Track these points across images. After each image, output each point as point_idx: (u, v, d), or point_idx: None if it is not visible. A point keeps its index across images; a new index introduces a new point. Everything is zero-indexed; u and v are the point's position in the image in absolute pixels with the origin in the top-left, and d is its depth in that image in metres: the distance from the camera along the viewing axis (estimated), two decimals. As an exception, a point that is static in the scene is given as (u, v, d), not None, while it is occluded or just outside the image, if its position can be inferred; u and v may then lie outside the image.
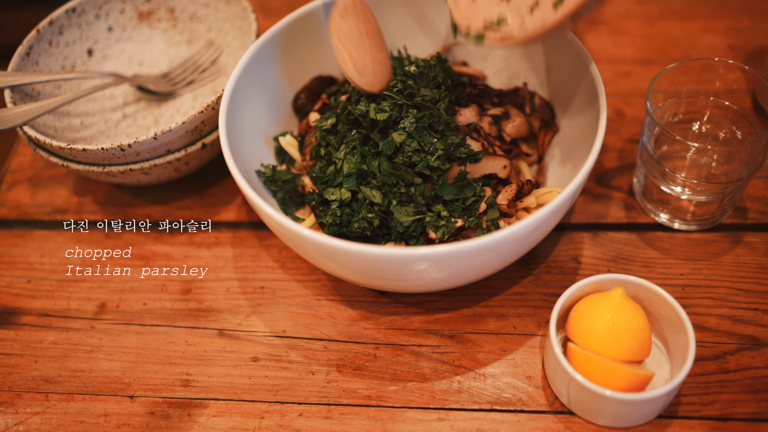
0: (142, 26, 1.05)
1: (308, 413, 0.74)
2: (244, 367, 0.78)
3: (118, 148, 0.80)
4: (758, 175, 0.88)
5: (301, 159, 0.86)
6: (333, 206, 0.76)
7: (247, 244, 0.89)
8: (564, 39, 0.81)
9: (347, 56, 0.78)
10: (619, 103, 0.99)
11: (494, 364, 0.76)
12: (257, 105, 0.86)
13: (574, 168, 0.78)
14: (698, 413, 0.71)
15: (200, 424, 0.74)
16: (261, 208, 0.70)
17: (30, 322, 0.84)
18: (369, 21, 0.80)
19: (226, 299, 0.84)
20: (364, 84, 0.78)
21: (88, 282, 0.87)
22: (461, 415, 0.72)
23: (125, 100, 1.01)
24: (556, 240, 0.85)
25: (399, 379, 0.75)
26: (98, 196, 0.96)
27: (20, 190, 0.98)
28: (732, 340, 0.75)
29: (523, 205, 0.79)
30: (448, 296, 0.81)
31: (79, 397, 0.77)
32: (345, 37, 0.78)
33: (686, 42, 1.05)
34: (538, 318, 0.79)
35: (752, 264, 0.81)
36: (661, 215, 0.85)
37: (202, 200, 0.94)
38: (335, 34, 0.78)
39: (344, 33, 0.78)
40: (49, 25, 0.96)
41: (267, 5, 1.18)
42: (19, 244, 0.91)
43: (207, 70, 1.02)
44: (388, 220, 0.75)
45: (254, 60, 0.83)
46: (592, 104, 0.77)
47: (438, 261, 0.66)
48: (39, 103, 0.86)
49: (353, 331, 0.80)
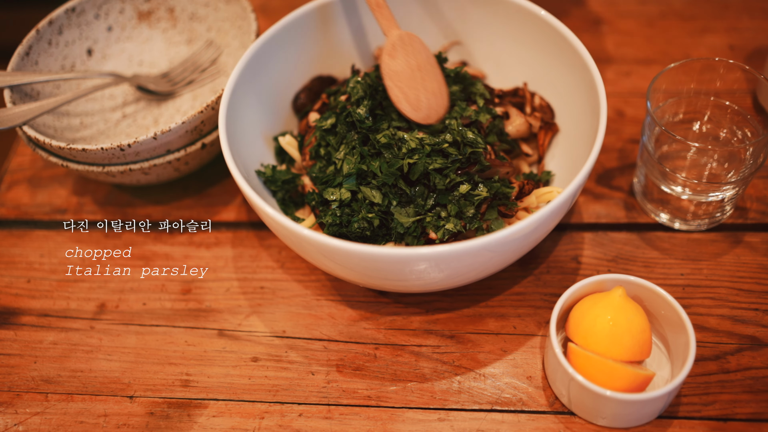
0: (142, 26, 1.05)
1: (308, 413, 0.74)
2: (243, 368, 0.78)
3: (118, 148, 0.80)
4: (758, 175, 0.88)
5: (300, 159, 0.86)
6: (333, 206, 0.76)
7: (247, 244, 0.88)
8: (564, 39, 0.81)
9: (401, 95, 0.80)
10: (619, 103, 0.98)
11: (494, 364, 0.76)
12: (257, 105, 0.86)
13: (574, 168, 0.78)
14: (699, 413, 0.70)
15: (200, 425, 0.74)
16: (261, 208, 0.70)
17: (29, 322, 0.84)
18: (419, 53, 0.82)
19: (226, 299, 0.84)
20: (420, 119, 0.80)
21: (87, 282, 0.87)
22: (461, 416, 0.72)
23: (125, 100, 1.01)
24: (556, 240, 0.85)
25: (399, 380, 0.75)
26: (98, 196, 0.96)
27: (20, 190, 0.98)
28: (732, 341, 0.75)
29: (524, 205, 0.79)
30: (448, 296, 0.81)
31: (78, 398, 0.77)
32: (396, 77, 0.80)
33: (686, 42, 1.05)
34: (538, 318, 0.79)
35: (752, 264, 0.81)
36: (662, 215, 0.85)
37: (202, 200, 0.94)
38: (387, 76, 0.80)
39: (395, 72, 0.80)
40: (49, 24, 0.96)
41: (267, 5, 1.17)
42: (19, 244, 0.91)
43: (207, 70, 1.02)
44: (388, 220, 0.75)
45: (254, 60, 0.83)
46: (592, 104, 0.77)
47: (438, 261, 0.66)
48: (38, 103, 0.86)
49: (353, 331, 0.80)
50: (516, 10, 0.86)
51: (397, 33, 0.81)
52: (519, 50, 0.89)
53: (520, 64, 0.90)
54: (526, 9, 0.85)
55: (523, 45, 0.88)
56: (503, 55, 0.92)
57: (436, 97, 0.81)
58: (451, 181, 0.74)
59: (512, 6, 0.86)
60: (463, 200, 0.75)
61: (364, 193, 0.75)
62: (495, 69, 0.93)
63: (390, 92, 0.80)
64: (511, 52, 0.90)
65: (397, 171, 0.74)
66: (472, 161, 0.75)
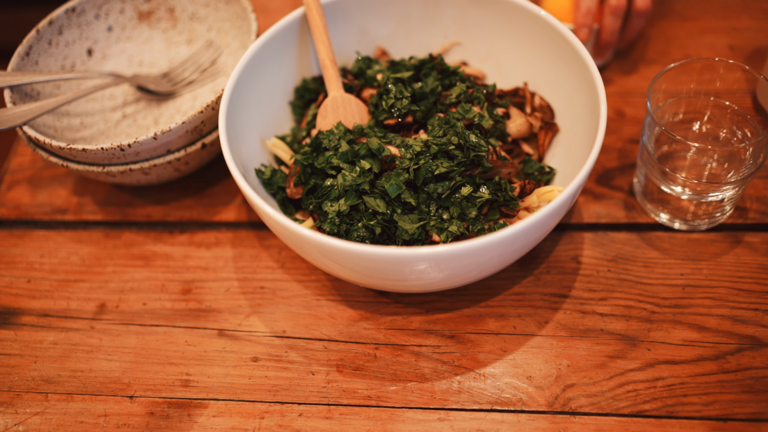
0: (142, 26, 1.05)
1: (308, 413, 0.74)
2: (244, 367, 0.78)
3: (118, 148, 0.80)
4: (758, 175, 0.88)
5: (289, 159, 0.86)
6: (331, 215, 0.75)
7: (247, 244, 0.88)
8: (564, 39, 0.81)
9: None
10: (619, 103, 0.98)
11: (494, 364, 0.76)
12: (257, 105, 0.86)
13: (575, 168, 0.78)
14: (698, 413, 0.70)
15: (200, 425, 0.74)
16: (261, 208, 0.70)
17: (29, 323, 0.84)
18: (353, 115, 0.85)
19: (226, 299, 0.84)
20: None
21: (87, 282, 0.87)
22: (461, 416, 0.72)
23: (125, 100, 1.01)
24: (556, 240, 0.85)
25: (399, 380, 0.75)
26: (98, 196, 0.96)
27: (20, 190, 0.98)
28: (732, 341, 0.75)
29: (525, 205, 0.79)
30: (448, 296, 0.81)
31: (78, 398, 0.77)
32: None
33: (686, 42, 1.05)
34: (538, 318, 0.79)
35: (752, 264, 0.81)
36: (662, 215, 0.85)
37: (202, 200, 0.94)
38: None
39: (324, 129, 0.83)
40: (49, 24, 0.96)
41: (267, 5, 1.17)
42: (19, 244, 0.91)
43: (207, 70, 1.02)
44: (391, 228, 0.75)
45: (254, 60, 0.83)
46: (592, 104, 0.77)
47: (438, 261, 0.66)
48: (39, 103, 0.86)
49: (353, 331, 0.80)
50: (516, 10, 0.86)
51: (332, 95, 0.84)
52: (519, 50, 0.89)
53: (520, 64, 0.90)
54: (526, 9, 0.85)
55: (523, 45, 0.88)
56: (503, 55, 0.92)
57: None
58: (454, 184, 0.74)
59: (512, 6, 0.86)
60: (465, 202, 0.75)
61: (367, 202, 0.75)
62: (495, 69, 0.93)
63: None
64: (511, 52, 0.90)
65: (403, 184, 0.74)
66: (476, 163, 0.75)
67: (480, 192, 0.75)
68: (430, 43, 0.95)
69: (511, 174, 0.79)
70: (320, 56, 0.85)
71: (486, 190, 0.75)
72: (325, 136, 0.79)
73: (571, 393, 0.73)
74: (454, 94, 0.82)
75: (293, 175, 0.81)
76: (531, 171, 0.84)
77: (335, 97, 0.84)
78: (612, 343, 0.76)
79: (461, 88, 0.82)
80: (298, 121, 0.92)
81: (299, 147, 0.86)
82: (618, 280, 0.81)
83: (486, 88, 0.86)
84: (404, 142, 0.77)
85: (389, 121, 0.81)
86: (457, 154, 0.75)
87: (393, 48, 0.95)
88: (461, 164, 0.75)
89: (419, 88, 0.82)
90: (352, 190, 0.75)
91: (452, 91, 0.82)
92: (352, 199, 0.75)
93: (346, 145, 0.78)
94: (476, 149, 0.75)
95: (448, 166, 0.74)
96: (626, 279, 0.81)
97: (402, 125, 0.82)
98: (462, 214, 0.75)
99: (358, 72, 0.90)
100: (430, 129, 0.78)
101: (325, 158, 0.78)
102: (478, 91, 0.82)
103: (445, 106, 0.82)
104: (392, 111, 0.81)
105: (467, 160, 0.75)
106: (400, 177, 0.74)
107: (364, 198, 0.75)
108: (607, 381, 0.73)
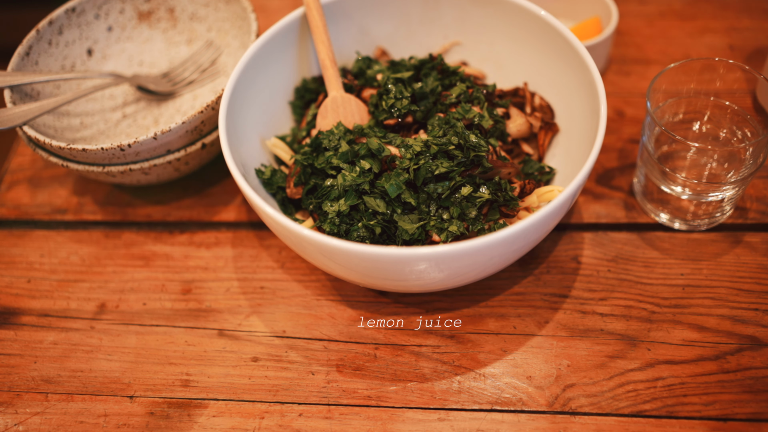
0: (142, 26, 1.05)
1: (308, 413, 0.74)
2: (244, 367, 0.78)
3: (118, 148, 0.80)
4: (758, 175, 0.88)
5: (289, 159, 0.86)
6: (331, 215, 0.76)
7: (247, 244, 0.88)
8: (564, 39, 0.81)
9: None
10: (619, 103, 0.98)
11: (494, 364, 0.76)
12: (257, 105, 0.86)
13: (574, 168, 0.78)
14: (699, 413, 0.70)
15: (200, 425, 0.74)
16: (261, 208, 0.70)
17: (30, 322, 0.84)
18: (353, 114, 0.85)
19: (226, 299, 0.84)
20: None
21: (87, 282, 0.87)
22: (461, 416, 0.72)
23: (125, 100, 1.01)
24: (556, 240, 0.85)
25: (399, 379, 0.75)
26: (98, 196, 0.96)
27: (20, 190, 0.98)
28: (732, 341, 0.75)
29: (525, 205, 0.79)
30: (448, 296, 0.81)
31: (78, 398, 0.77)
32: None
33: (686, 42, 1.05)
34: (538, 318, 0.79)
35: (752, 264, 0.81)
36: (662, 215, 0.85)
37: (202, 200, 0.94)
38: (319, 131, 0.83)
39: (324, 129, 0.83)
40: (49, 24, 0.96)
41: (267, 5, 1.17)
42: (19, 244, 0.91)
43: (207, 70, 1.02)
44: (391, 228, 0.75)
45: (254, 60, 0.83)
46: (592, 104, 0.77)
47: (438, 261, 0.66)
48: (39, 103, 0.86)
49: (353, 331, 0.80)
50: (516, 10, 0.86)
51: (332, 95, 0.84)
52: (519, 50, 0.89)
53: (520, 64, 0.90)
54: (526, 9, 0.85)
55: (523, 45, 0.88)
56: (503, 55, 0.92)
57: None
58: (454, 184, 0.74)
59: (512, 6, 0.86)
60: (465, 202, 0.75)
61: (367, 202, 0.75)
62: (495, 69, 0.93)
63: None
64: (511, 52, 0.90)
65: (403, 184, 0.74)
66: (476, 163, 0.75)
67: (480, 192, 0.75)
68: (430, 43, 0.95)
69: (511, 174, 0.79)
70: (320, 56, 0.85)
71: (486, 190, 0.75)
72: (325, 136, 0.80)
73: (571, 393, 0.73)
74: (454, 94, 0.82)
75: (293, 175, 0.81)
76: (531, 171, 0.84)
77: (335, 97, 0.84)
78: (612, 343, 0.76)
79: (461, 88, 0.82)
80: (298, 121, 0.92)
81: (299, 147, 0.86)
82: (618, 280, 0.81)
83: (486, 88, 0.86)
84: (404, 142, 0.77)
85: (389, 121, 0.81)
86: (457, 154, 0.75)
87: (393, 48, 0.95)
88: (461, 164, 0.75)
89: (419, 88, 0.82)
90: (352, 190, 0.75)
91: (452, 91, 0.82)
92: (352, 199, 0.75)
93: (346, 145, 0.78)
94: (476, 149, 0.75)
95: (448, 166, 0.74)
96: (626, 279, 0.81)
97: (402, 125, 0.82)
98: (462, 214, 0.75)
99: (358, 72, 0.90)
100: (430, 129, 0.78)
101: (325, 158, 0.78)
102: (478, 91, 0.82)
103: (445, 106, 0.82)
104: (392, 111, 0.81)
105: (467, 160, 0.75)
106: (400, 177, 0.74)
107: (364, 198, 0.75)
108: (607, 381, 0.73)
